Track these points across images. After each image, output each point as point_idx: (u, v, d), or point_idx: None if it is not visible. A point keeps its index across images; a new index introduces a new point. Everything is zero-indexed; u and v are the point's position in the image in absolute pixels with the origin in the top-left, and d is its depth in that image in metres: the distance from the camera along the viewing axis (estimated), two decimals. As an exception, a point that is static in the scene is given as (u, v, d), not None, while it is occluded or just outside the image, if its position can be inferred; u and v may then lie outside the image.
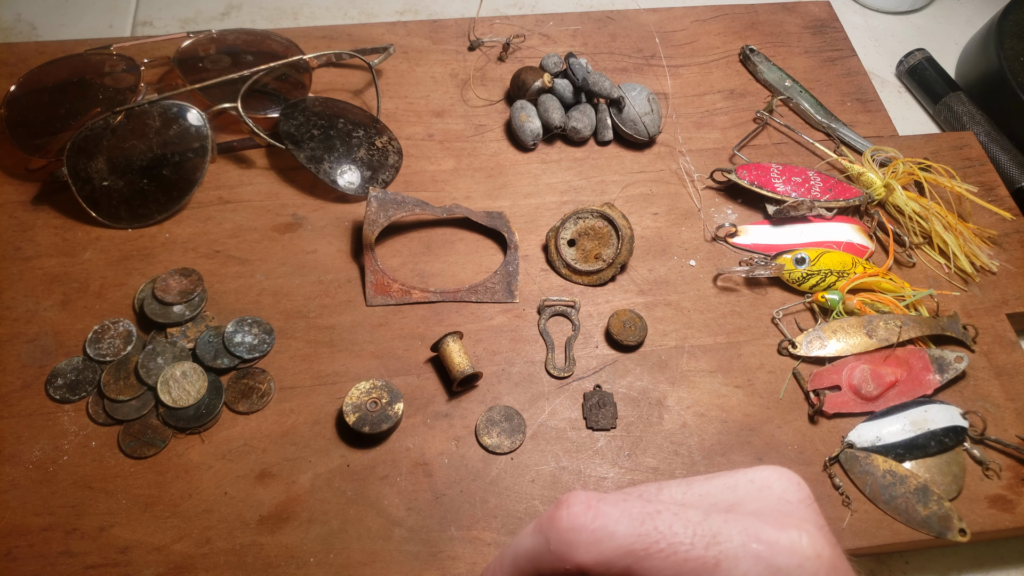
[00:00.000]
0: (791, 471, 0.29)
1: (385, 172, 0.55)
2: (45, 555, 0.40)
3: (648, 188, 0.56)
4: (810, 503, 0.28)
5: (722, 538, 0.25)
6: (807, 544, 0.25)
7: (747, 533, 0.25)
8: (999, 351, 0.50)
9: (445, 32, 0.64)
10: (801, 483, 0.28)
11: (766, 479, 0.28)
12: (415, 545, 0.41)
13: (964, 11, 0.75)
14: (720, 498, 0.28)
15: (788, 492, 0.28)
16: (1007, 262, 0.54)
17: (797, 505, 0.27)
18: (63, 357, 0.46)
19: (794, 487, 0.28)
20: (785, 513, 0.27)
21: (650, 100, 0.57)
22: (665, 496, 0.28)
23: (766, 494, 0.28)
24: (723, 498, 0.28)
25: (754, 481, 0.28)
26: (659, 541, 0.24)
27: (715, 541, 0.25)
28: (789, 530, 0.25)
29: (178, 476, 0.43)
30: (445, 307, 0.50)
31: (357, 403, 0.44)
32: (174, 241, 0.51)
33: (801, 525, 0.25)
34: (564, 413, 0.46)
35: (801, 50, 0.65)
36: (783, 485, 0.28)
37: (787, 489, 0.28)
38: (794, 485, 0.28)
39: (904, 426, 0.46)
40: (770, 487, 0.28)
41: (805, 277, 0.51)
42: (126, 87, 0.56)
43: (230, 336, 0.47)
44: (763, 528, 0.25)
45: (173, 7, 0.68)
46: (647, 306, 0.50)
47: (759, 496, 0.28)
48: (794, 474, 0.29)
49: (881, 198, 0.55)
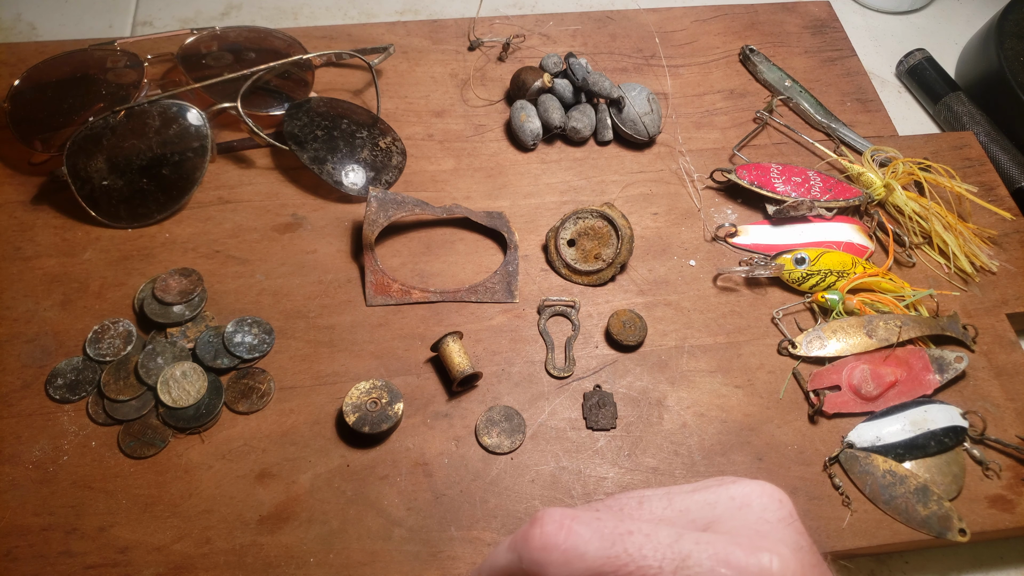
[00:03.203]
0: (774, 487, 0.28)
1: (389, 173, 0.55)
2: (45, 555, 0.40)
3: (648, 188, 0.56)
4: (790, 522, 0.27)
5: (692, 562, 0.25)
6: (777, 569, 0.25)
7: (717, 557, 0.25)
8: (999, 351, 0.50)
9: (445, 32, 0.64)
10: (783, 500, 0.28)
11: (747, 496, 0.28)
12: (415, 545, 0.41)
13: (964, 11, 0.75)
14: (699, 514, 0.28)
15: (768, 511, 0.27)
16: (1007, 262, 0.54)
17: (776, 525, 0.27)
18: (63, 357, 0.46)
19: (775, 505, 0.28)
20: (762, 533, 0.26)
21: (650, 100, 0.57)
22: (645, 511, 0.28)
23: (745, 513, 0.27)
24: (702, 515, 0.28)
25: (734, 498, 0.28)
26: (628, 564, 0.25)
27: (684, 565, 0.25)
28: (761, 553, 0.25)
29: (178, 476, 0.43)
30: (445, 307, 0.50)
31: (357, 403, 0.44)
32: (174, 241, 0.51)
33: (775, 547, 0.25)
34: (564, 413, 0.46)
35: (801, 50, 0.65)
36: (763, 503, 0.28)
37: (767, 507, 0.27)
38: (775, 502, 0.28)
39: (904, 426, 0.46)
40: (750, 505, 0.28)
41: (805, 277, 0.51)
42: (129, 83, 0.56)
43: (230, 336, 0.47)
44: (734, 551, 0.25)
45: (173, 7, 0.68)
46: (647, 306, 0.50)
47: (738, 514, 0.27)
48: (777, 490, 0.28)
49: (881, 198, 0.55)
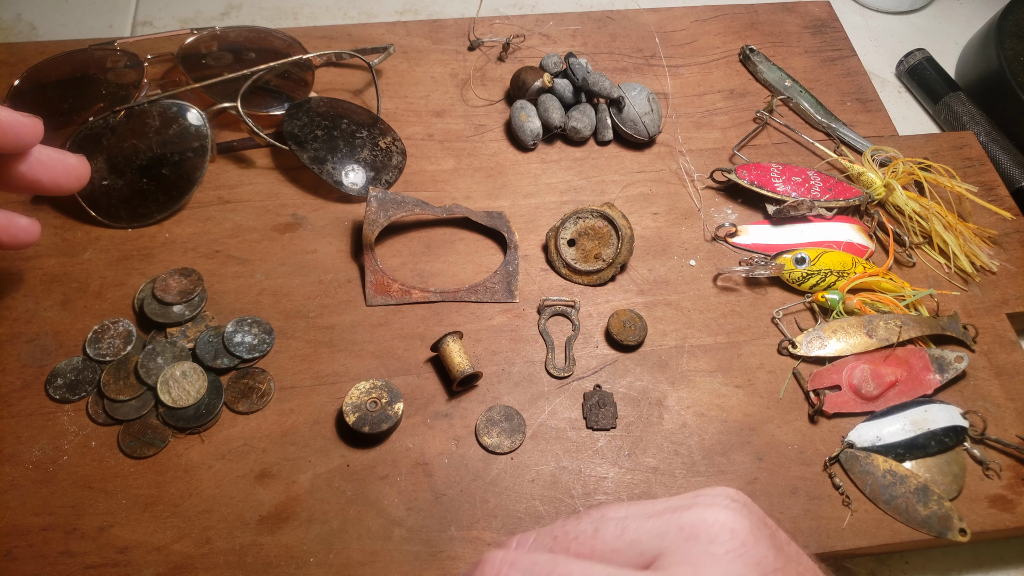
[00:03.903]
0: (731, 511, 0.28)
1: (389, 173, 0.55)
2: (45, 555, 0.40)
3: (648, 188, 0.56)
4: (740, 553, 0.27)
5: None
6: None
7: None
8: (999, 351, 0.50)
9: (445, 32, 0.64)
10: (737, 529, 0.27)
11: (696, 527, 0.27)
12: (415, 545, 0.41)
13: (964, 11, 0.75)
14: (648, 546, 0.28)
15: (716, 543, 0.27)
16: (1007, 262, 0.54)
17: (722, 558, 0.27)
18: (63, 357, 0.46)
19: (725, 536, 0.27)
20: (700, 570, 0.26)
21: (650, 100, 0.57)
22: (599, 540, 0.28)
23: (690, 546, 0.27)
24: (651, 546, 0.28)
25: (683, 528, 0.28)
26: None
27: None
28: None
29: (178, 476, 0.43)
30: (445, 307, 0.50)
31: (357, 403, 0.44)
32: (174, 241, 0.51)
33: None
34: (564, 413, 0.46)
35: (801, 50, 0.65)
36: (712, 534, 0.27)
37: (715, 539, 0.27)
38: (725, 533, 0.27)
39: (904, 426, 0.46)
40: (697, 537, 0.27)
41: (805, 277, 0.51)
42: (129, 83, 0.56)
43: (230, 336, 0.47)
44: None
45: (173, 7, 0.68)
46: (647, 306, 0.50)
47: (683, 547, 0.27)
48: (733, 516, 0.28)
49: (881, 198, 0.55)
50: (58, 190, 0.44)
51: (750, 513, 0.28)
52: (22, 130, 0.40)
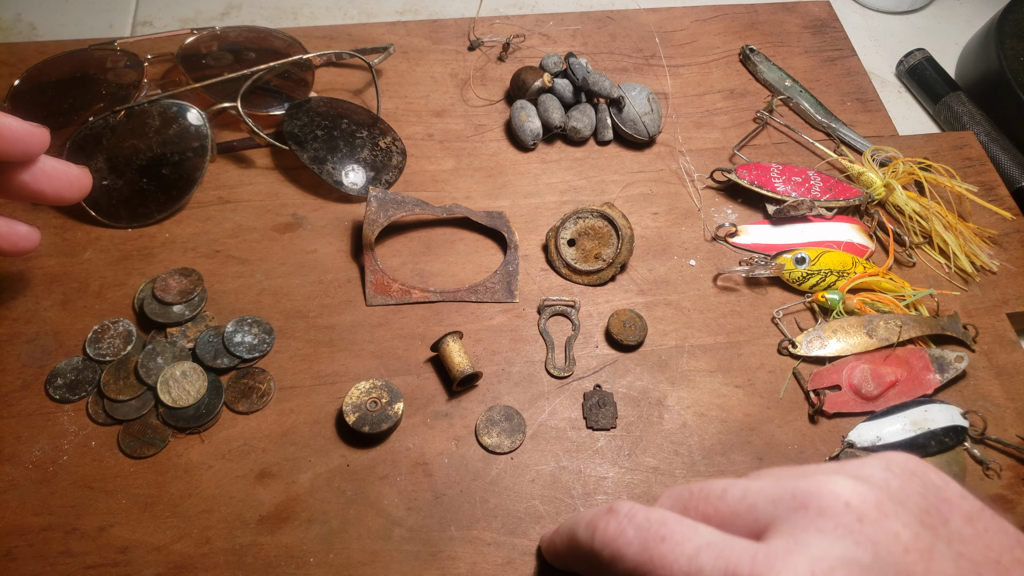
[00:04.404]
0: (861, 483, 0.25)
1: (389, 173, 0.55)
2: (45, 555, 0.40)
3: (648, 188, 0.56)
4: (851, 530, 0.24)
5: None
6: None
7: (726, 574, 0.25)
8: (999, 351, 0.50)
9: (445, 32, 0.64)
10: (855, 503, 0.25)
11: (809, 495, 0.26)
12: (415, 545, 0.41)
13: (964, 11, 0.75)
14: (763, 513, 0.27)
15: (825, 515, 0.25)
16: (1007, 262, 0.54)
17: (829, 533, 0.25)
18: (63, 357, 0.46)
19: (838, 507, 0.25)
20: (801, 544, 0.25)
21: (650, 100, 0.57)
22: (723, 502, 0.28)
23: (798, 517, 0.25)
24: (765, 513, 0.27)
25: (796, 497, 0.26)
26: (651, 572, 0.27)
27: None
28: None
29: (178, 476, 0.43)
30: (445, 307, 0.50)
31: (357, 403, 0.44)
32: (174, 241, 0.51)
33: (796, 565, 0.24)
34: (564, 413, 0.46)
35: (801, 50, 0.65)
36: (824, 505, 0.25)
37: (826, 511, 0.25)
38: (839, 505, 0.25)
39: (904, 426, 0.46)
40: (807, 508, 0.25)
41: (805, 277, 0.51)
42: (129, 83, 0.56)
43: (230, 336, 0.47)
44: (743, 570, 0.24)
45: (173, 7, 0.68)
46: (647, 306, 0.50)
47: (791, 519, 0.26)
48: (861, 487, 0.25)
49: (881, 198, 0.55)
50: (60, 200, 0.45)
51: (903, 483, 0.26)
52: (30, 140, 0.40)
